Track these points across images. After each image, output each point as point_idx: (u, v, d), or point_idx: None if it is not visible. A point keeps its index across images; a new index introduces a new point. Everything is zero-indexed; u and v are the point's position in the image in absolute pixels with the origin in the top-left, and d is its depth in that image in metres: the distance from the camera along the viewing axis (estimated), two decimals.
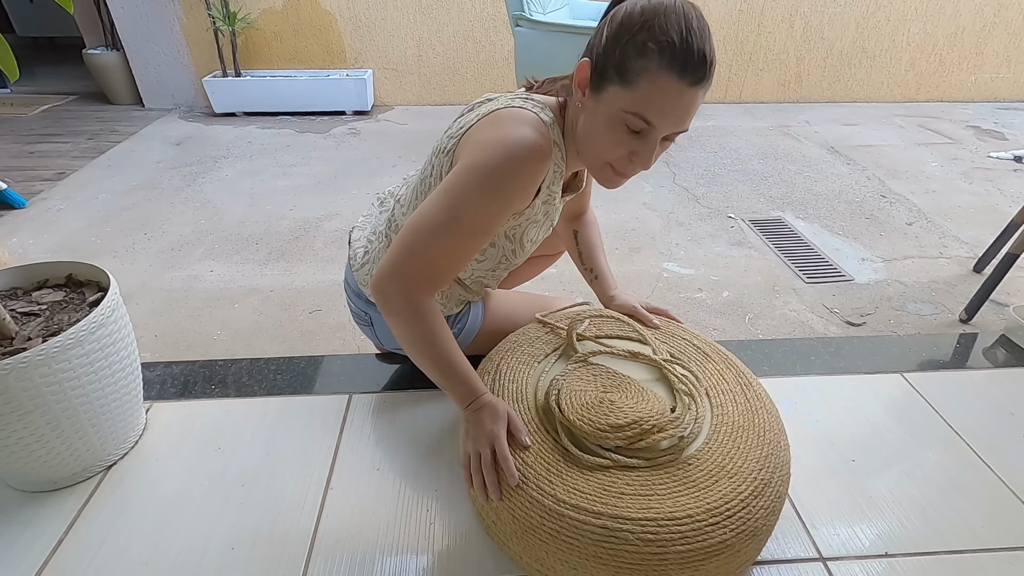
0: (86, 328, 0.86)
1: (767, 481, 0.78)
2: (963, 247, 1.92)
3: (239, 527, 0.90)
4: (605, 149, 0.75)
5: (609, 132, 0.73)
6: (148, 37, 3.18)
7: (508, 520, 0.77)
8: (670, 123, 0.71)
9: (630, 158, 0.75)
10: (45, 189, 2.28)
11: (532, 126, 0.75)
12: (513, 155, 0.73)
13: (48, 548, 0.87)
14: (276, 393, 1.18)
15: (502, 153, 0.73)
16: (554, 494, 0.73)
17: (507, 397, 0.88)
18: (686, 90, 0.68)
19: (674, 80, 0.67)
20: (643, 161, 0.74)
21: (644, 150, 0.73)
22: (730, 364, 0.97)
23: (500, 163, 0.73)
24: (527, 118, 0.76)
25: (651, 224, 2.06)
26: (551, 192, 0.87)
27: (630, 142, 0.73)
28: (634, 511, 0.71)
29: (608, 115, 0.72)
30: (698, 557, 0.70)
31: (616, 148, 0.74)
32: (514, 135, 0.73)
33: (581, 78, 0.74)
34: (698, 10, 0.69)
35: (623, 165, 0.76)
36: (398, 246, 0.77)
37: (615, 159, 0.76)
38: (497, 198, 0.74)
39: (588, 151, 0.78)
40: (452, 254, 0.77)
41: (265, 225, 2.02)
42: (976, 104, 3.61)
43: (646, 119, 0.70)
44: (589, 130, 0.75)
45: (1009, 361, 1.32)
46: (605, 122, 0.72)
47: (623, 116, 0.70)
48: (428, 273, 0.77)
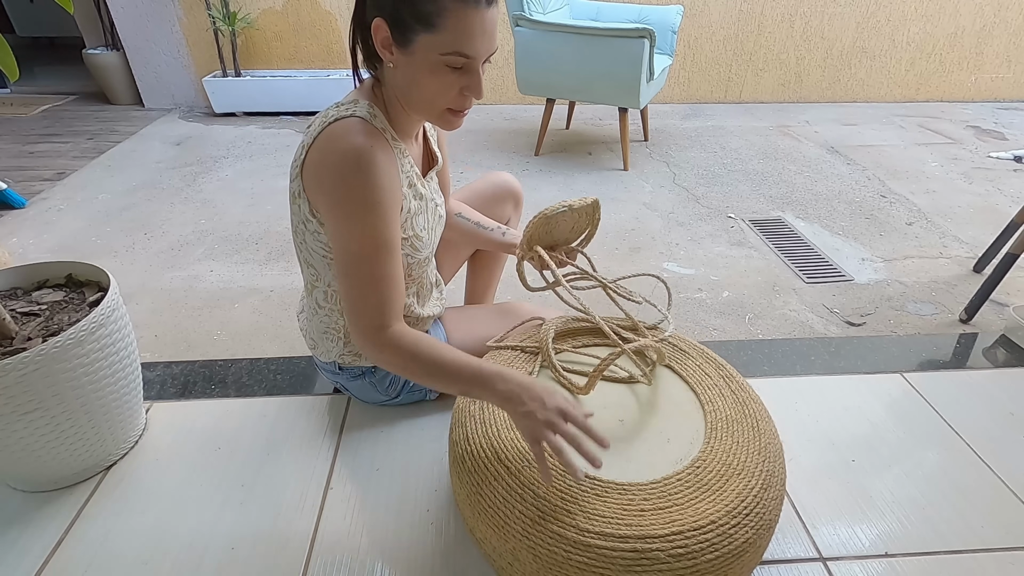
0: (86, 328, 0.86)
1: (771, 472, 0.78)
2: (963, 247, 1.92)
3: (239, 527, 0.90)
4: (437, 96, 0.76)
5: (434, 78, 0.74)
6: (148, 37, 3.18)
7: (528, 560, 0.72)
8: (484, 48, 0.73)
9: (462, 93, 0.77)
10: (45, 189, 2.28)
11: (353, 130, 0.75)
12: (355, 169, 0.74)
13: (48, 548, 0.87)
14: (276, 393, 1.18)
15: (346, 172, 0.74)
16: (576, 524, 0.70)
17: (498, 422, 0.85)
18: (486, 12, 0.71)
19: (471, 8, 0.70)
20: (475, 91, 0.76)
21: (472, 82, 0.75)
22: (708, 358, 0.97)
23: (353, 182, 0.75)
24: (347, 127, 0.76)
25: (651, 224, 2.06)
26: (409, 175, 0.87)
27: (457, 80, 0.75)
28: (659, 527, 0.69)
29: (426, 63, 0.73)
30: (727, 561, 0.70)
31: (447, 91, 0.75)
32: (344, 151, 0.75)
33: (383, 39, 0.73)
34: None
35: (459, 103, 0.78)
36: (345, 309, 0.81)
37: (450, 101, 0.77)
38: (373, 210, 0.76)
39: (421, 104, 0.78)
40: (381, 279, 0.79)
41: (265, 225, 2.01)
42: (976, 104, 3.61)
43: (464, 53, 0.72)
44: (413, 84, 0.76)
45: (1009, 361, 1.32)
46: (427, 71, 0.74)
47: (441, 59, 0.72)
48: (378, 309, 0.79)
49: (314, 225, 0.85)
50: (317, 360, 1.07)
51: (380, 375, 1.04)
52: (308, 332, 1.04)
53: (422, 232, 0.92)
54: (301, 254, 0.92)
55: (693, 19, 3.29)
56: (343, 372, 1.04)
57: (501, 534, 0.74)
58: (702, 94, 3.54)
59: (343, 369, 1.03)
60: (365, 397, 1.10)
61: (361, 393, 1.08)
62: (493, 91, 3.45)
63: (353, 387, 1.07)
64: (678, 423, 0.85)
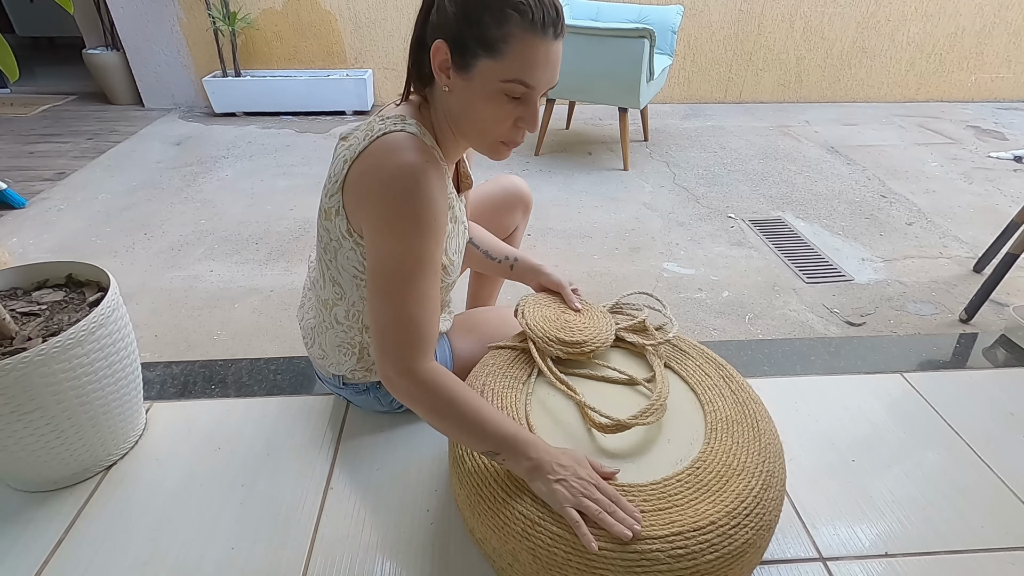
0: (86, 328, 0.86)
1: (771, 472, 0.78)
2: (963, 247, 1.92)
3: (239, 527, 0.90)
4: (491, 124, 0.73)
5: (490, 106, 0.71)
6: (148, 37, 3.18)
7: (528, 560, 0.72)
8: (545, 80, 0.71)
9: (516, 125, 0.74)
10: (45, 189, 2.28)
11: (407, 147, 0.72)
12: (410, 186, 0.71)
13: (48, 548, 0.87)
14: (276, 393, 1.18)
15: (399, 189, 0.71)
16: None
17: None
18: (552, 44, 0.69)
19: (539, 38, 0.68)
20: (531, 124, 0.74)
21: (528, 113, 0.73)
22: (708, 358, 0.97)
23: (406, 198, 0.71)
24: (399, 142, 0.73)
25: (651, 224, 2.06)
26: (450, 198, 0.85)
27: (513, 110, 0.72)
28: (659, 528, 0.69)
29: (485, 90, 0.70)
30: (727, 561, 0.70)
31: (503, 120, 0.73)
32: (399, 166, 0.71)
33: (441, 61, 0.71)
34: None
35: (512, 135, 0.75)
36: (374, 334, 0.76)
37: (503, 133, 0.75)
38: (424, 230, 0.73)
39: (473, 131, 0.76)
40: (423, 302, 0.75)
41: (265, 225, 2.01)
42: (976, 104, 3.61)
43: (525, 83, 0.70)
44: (468, 110, 0.73)
45: (1009, 361, 1.32)
46: (484, 98, 0.71)
47: (501, 87, 0.70)
48: (415, 335, 0.74)
49: (350, 243, 0.81)
50: (320, 372, 1.04)
51: (385, 390, 1.00)
52: (319, 343, 0.99)
53: (454, 256, 0.90)
54: (328, 271, 0.88)
55: (693, 19, 3.29)
56: (347, 387, 1.01)
57: (501, 534, 0.74)
58: (702, 94, 3.54)
59: (346, 385, 1.01)
60: (366, 407, 1.08)
61: (363, 404, 1.07)
62: None
63: (356, 400, 1.05)
64: (678, 423, 0.85)
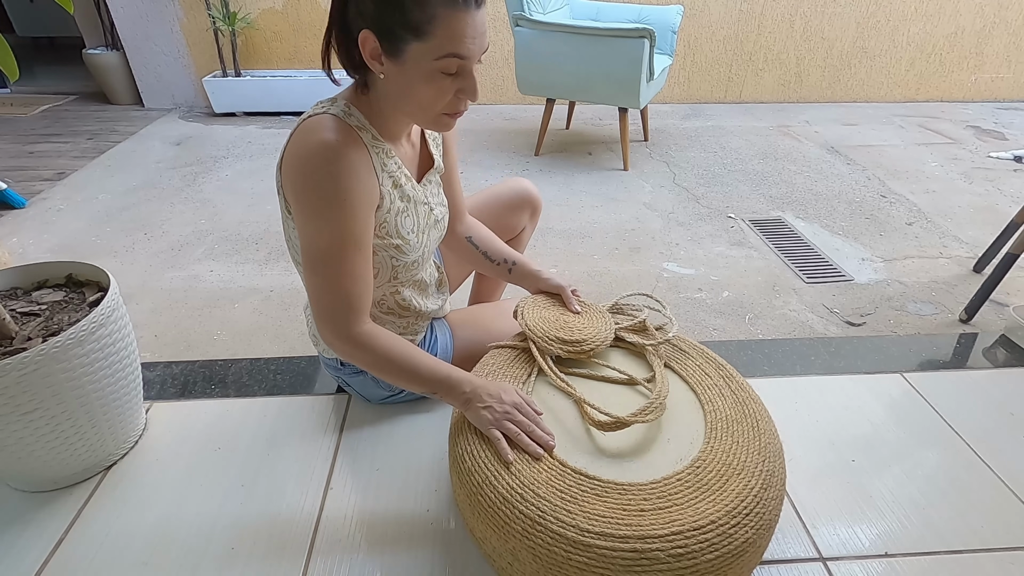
0: (86, 328, 0.86)
1: (771, 471, 0.78)
2: (963, 247, 1.92)
3: (239, 527, 0.90)
4: (432, 102, 0.76)
5: (429, 85, 0.74)
6: (148, 37, 3.18)
7: (528, 559, 0.72)
8: (477, 49, 0.73)
9: (457, 96, 0.77)
10: (45, 189, 2.28)
11: (324, 127, 0.76)
12: (322, 165, 0.74)
13: (48, 548, 0.87)
14: (276, 393, 1.18)
15: (312, 169, 0.75)
16: (576, 524, 0.70)
17: None
18: (476, 14, 0.71)
19: (463, 11, 0.69)
20: (471, 94, 0.76)
21: (467, 84, 0.76)
22: (708, 358, 0.97)
23: (318, 177, 0.75)
24: (318, 124, 0.76)
25: (651, 224, 2.06)
26: (394, 175, 0.86)
27: (451, 85, 0.75)
28: (659, 527, 0.69)
29: (420, 72, 0.73)
30: (727, 561, 0.70)
31: (442, 96, 0.75)
32: (309, 146, 0.75)
33: (371, 50, 0.73)
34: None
35: (455, 106, 0.78)
36: (311, 303, 0.83)
37: (445, 106, 0.77)
38: (339, 206, 0.76)
39: (416, 110, 0.78)
40: (348, 276, 0.79)
41: (265, 225, 2.01)
42: (976, 104, 3.61)
43: (458, 54, 0.72)
44: (407, 92, 0.76)
45: (1009, 361, 1.32)
46: (421, 79, 0.73)
47: (435, 65, 0.72)
48: (344, 305, 0.80)
49: (291, 223, 0.85)
50: (322, 358, 1.08)
51: None
52: (312, 327, 1.05)
53: (409, 235, 0.90)
54: (290, 251, 0.93)
55: (693, 19, 3.28)
56: (344, 368, 1.04)
57: (501, 534, 0.73)
58: (702, 94, 3.54)
59: (344, 365, 1.04)
60: (367, 393, 1.09)
61: (363, 389, 1.08)
62: (493, 91, 3.45)
63: (355, 383, 1.07)
64: (678, 423, 0.85)
